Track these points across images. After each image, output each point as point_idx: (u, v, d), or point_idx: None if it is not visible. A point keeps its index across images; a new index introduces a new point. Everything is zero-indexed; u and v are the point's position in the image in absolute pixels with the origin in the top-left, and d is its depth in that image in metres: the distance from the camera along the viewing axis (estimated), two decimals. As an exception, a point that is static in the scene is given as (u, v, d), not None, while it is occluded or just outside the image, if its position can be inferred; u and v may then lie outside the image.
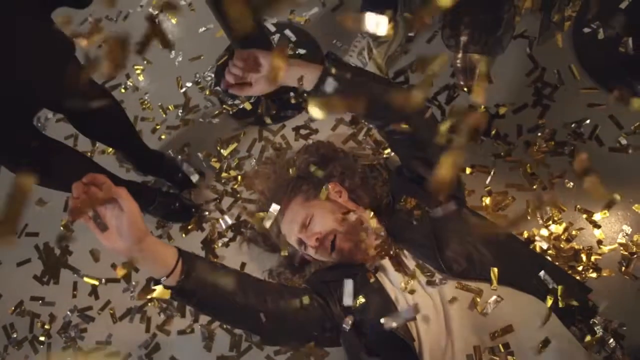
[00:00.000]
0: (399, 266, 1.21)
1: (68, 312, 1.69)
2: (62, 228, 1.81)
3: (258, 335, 1.30)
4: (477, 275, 1.14)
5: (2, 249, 1.84)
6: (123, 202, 0.89)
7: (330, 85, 1.13)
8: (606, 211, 1.42)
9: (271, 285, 1.26)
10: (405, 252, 1.24)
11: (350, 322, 1.16)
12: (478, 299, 1.11)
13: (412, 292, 1.16)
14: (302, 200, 1.37)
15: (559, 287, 1.15)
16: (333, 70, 1.12)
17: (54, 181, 1.41)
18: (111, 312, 1.66)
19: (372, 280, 1.20)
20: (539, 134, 1.56)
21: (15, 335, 1.71)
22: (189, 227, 1.72)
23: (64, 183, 1.46)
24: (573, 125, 1.54)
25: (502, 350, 1.05)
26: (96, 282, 1.68)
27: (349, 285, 1.15)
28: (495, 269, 1.12)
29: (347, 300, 1.14)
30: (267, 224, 1.11)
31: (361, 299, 1.18)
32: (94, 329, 1.66)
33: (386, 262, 1.24)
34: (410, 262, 1.21)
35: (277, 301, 1.13)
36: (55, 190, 1.77)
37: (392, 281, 1.22)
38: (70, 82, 1.06)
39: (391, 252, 1.24)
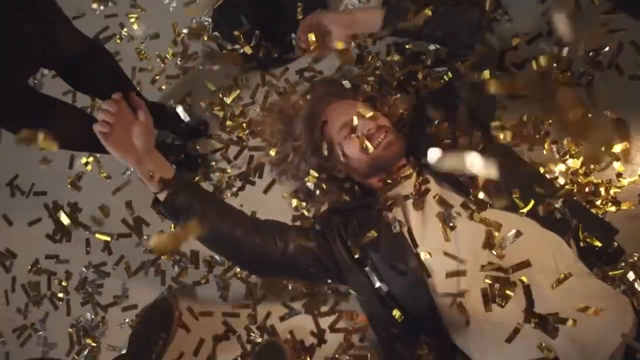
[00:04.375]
0: (420, 190, 1.18)
1: (83, 269, 1.70)
2: (69, 185, 1.79)
3: (236, 264, 1.41)
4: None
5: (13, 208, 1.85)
6: (142, 113, 1.14)
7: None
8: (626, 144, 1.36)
9: (260, 222, 1.27)
10: (430, 178, 1.21)
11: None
12: (496, 233, 1.09)
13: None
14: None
15: (580, 225, 1.13)
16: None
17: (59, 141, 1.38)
18: (125, 266, 1.67)
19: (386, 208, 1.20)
20: (555, 65, 1.48)
21: (34, 293, 1.73)
22: (197, 178, 1.69)
23: (66, 140, 1.43)
24: (591, 54, 1.46)
25: (519, 284, 1.04)
26: (108, 238, 1.68)
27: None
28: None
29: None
30: None
31: (373, 234, 1.18)
32: (110, 284, 1.68)
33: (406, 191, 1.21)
34: (432, 192, 1.18)
35: (258, 237, 1.18)
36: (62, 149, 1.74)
37: (409, 216, 1.20)
38: (60, 35, 1.01)
39: (417, 170, 1.23)
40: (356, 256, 1.19)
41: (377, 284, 1.18)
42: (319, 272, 1.23)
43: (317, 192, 1.28)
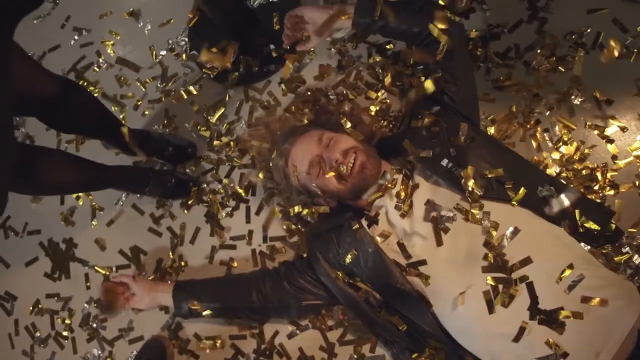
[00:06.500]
0: (406, 192, 1.16)
1: (85, 305, 1.68)
2: (62, 222, 1.77)
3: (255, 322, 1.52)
4: (495, 196, 1.10)
5: (8, 250, 1.82)
6: (125, 280, 1.50)
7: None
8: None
9: (245, 278, 1.45)
10: (418, 179, 1.20)
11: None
12: (494, 232, 1.06)
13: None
14: (319, 129, 1.33)
15: (577, 211, 1.11)
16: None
17: (50, 189, 1.37)
18: (128, 298, 1.65)
19: (355, 226, 1.19)
20: (539, 51, 1.46)
21: (38, 334, 1.71)
22: (189, 202, 1.67)
23: (59, 189, 1.41)
24: (574, 36, 1.44)
25: (520, 283, 1.01)
26: (107, 272, 1.67)
27: None
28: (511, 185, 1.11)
29: None
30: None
31: (353, 253, 1.20)
32: (114, 317, 1.65)
33: (389, 202, 1.20)
34: (421, 197, 1.17)
35: (257, 294, 1.37)
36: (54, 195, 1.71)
37: (394, 222, 1.18)
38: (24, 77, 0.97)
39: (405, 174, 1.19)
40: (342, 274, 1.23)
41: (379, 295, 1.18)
42: (314, 304, 1.35)
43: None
